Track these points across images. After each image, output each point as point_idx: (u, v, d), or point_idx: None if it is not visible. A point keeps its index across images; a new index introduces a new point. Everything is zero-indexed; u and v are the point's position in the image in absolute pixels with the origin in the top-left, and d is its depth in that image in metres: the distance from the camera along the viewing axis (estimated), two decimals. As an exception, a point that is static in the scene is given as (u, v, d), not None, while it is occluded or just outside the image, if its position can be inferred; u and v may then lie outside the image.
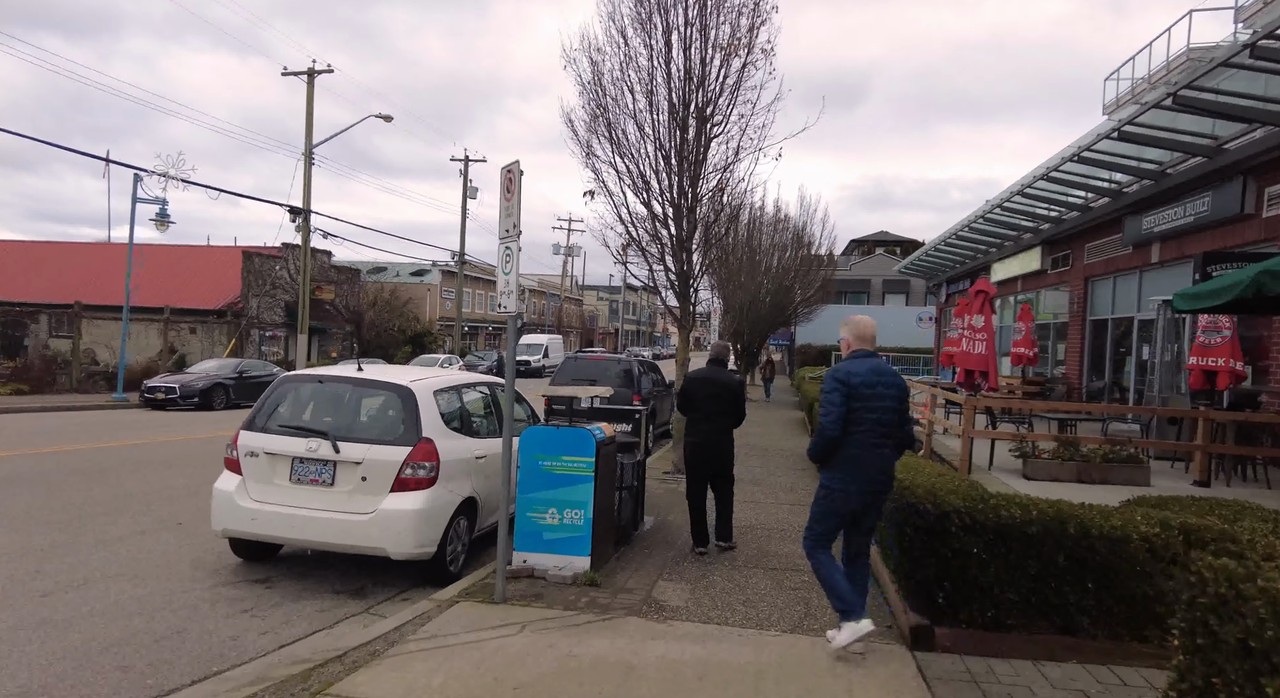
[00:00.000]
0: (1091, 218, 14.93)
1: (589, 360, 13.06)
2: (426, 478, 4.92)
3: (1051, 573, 3.69)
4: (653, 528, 6.84)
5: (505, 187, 4.43)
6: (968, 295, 10.12)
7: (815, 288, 27.39)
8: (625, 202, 9.59)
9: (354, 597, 4.94)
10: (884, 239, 51.07)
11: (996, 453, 9.18)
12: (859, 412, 3.79)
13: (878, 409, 3.80)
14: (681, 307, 9.93)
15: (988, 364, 8.81)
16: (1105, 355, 15.10)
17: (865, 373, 3.86)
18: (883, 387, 3.85)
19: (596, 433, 5.17)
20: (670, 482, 9.38)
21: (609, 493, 5.48)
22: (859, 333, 4.09)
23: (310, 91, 27.12)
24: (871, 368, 3.90)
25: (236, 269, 28.78)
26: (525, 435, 5.12)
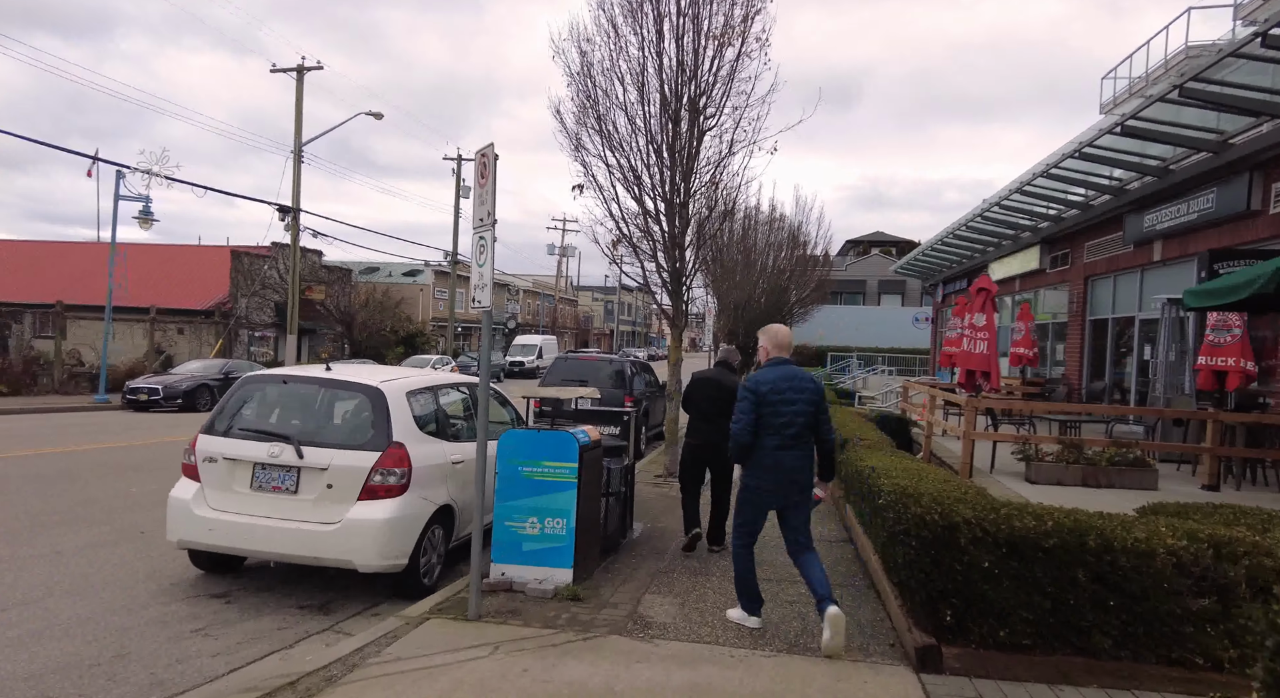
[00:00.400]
0: (1092, 216, 14.69)
1: (580, 361, 12.75)
2: (397, 485, 4.60)
3: (1070, 590, 3.39)
4: (642, 535, 6.53)
5: (479, 172, 4.12)
6: (968, 294, 9.86)
7: (811, 288, 27.11)
8: (616, 196, 9.28)
9: (319, 612, 4.61)
10: (880, 239, 50.89)
11: (998, 455, 8.90)
12: (768, 417, 4.01)
13: (786, 414, 4.02)
14: (674, 305, 9.62)
15: (989, 364, 8.53)
16: (1106, 356, 14.86)
17: (774, 380, 4.06)
18: (793, 392, 4.05)
19: (580, 437, 4.86)
20: (663, 485, 9.07)
21: (594, 500, 5.17)
22: (776, 341, 4.30)
23: (299, 88, 26.76)
24: (781, 375, 4.09)
25: (225, 269, 28.37)
26: (503, 440, 4.80)
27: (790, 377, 4.10)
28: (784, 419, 4.02)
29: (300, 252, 33.13)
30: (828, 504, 8.20)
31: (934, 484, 4.37)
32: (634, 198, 9.27)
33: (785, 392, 4.05)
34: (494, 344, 49.71)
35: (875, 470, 5.08)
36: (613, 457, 5.69)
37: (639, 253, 9.38)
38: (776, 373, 4.11)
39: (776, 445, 4.03)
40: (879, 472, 4.97)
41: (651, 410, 13.55)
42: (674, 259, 9.31)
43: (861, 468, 5.69)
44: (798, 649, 3.97)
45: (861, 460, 5.87)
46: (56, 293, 25.49)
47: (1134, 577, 3.29)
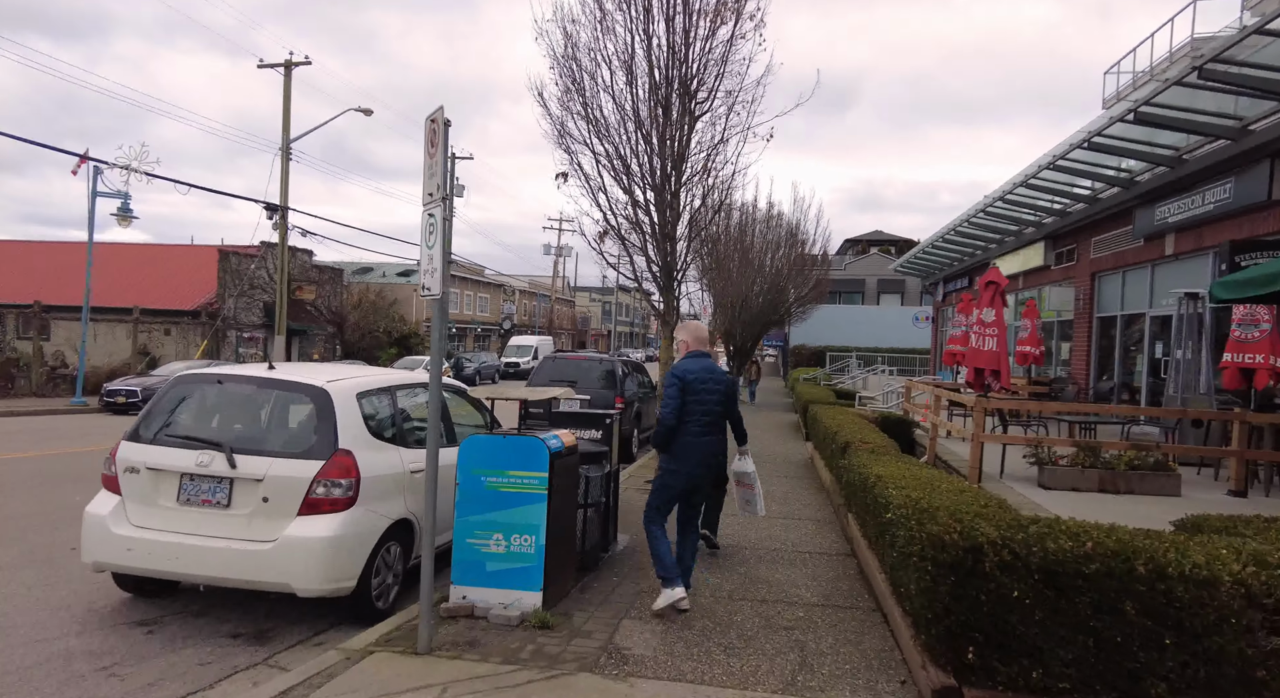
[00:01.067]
0: (1099, 209, 14.19)
1: (569, 361, 12.23)
2: (343, 498, 4.07)
3: (1117, 625, 2.87)
4: (627, 549, 6.00)
5: (429, 140, 3.60)
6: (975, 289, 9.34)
7: (810, 287, 26.59)
8: (603, 186, 8.78)
9: (254, 642, 4.08)
10: (878, 238, 50.42)
11: (1008, 459, 8.39)
12: (691, 405, 4.37)
13: (707, 402, 4.40)
14: (666, 302, 9.11)
15: (999, 362, 8.02)
16: (1114, 354, 14.36)
17: (698, 371, 4.44)
18: (712, 382, 4.43)
19: (551, 443, 4.34)
20: (652, 492, 8.55)
21: (568, 513, 4.64)
22: (695, 336, 4.66)
23: (287, 84, 26.24)
24: (703, 366, 4.48)
25: (213, 269, 27.82)
26: (464, 447, 4.28)
27: (709, 368, 4.51)
28: (705, 406, 4.41)
29: (290, 251, 32.62)
30: (826, 514, 7.68)
31: (950, 497, 3.85)
32: (622, 187, 8.77)
33: (707, 381, 4.44)
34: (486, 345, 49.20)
35: (882, 480, 4.56)
36: (592, 463, 5.17)
37: (628, 245, 8.87)
38: (698, 364, 4.50)
39: (699, 431, 4.40)
40: (886, 481, 4.45)
41: (644, 413, 13.02)
42: (665, 252, 8.80)
43: (866, 476, 5.17)
44: (794, 690, 3.45)
45: (865, 468, 5.35)
46: (41, 293, 24.93)
47: (1194, 610, 2.77)
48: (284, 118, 26.21)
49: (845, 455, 6.96)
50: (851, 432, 8.05)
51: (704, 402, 4.40)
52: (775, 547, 6.20)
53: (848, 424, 8.89)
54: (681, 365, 4.48)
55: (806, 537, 6.59)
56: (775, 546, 6.24)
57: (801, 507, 7.98)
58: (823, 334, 37.52)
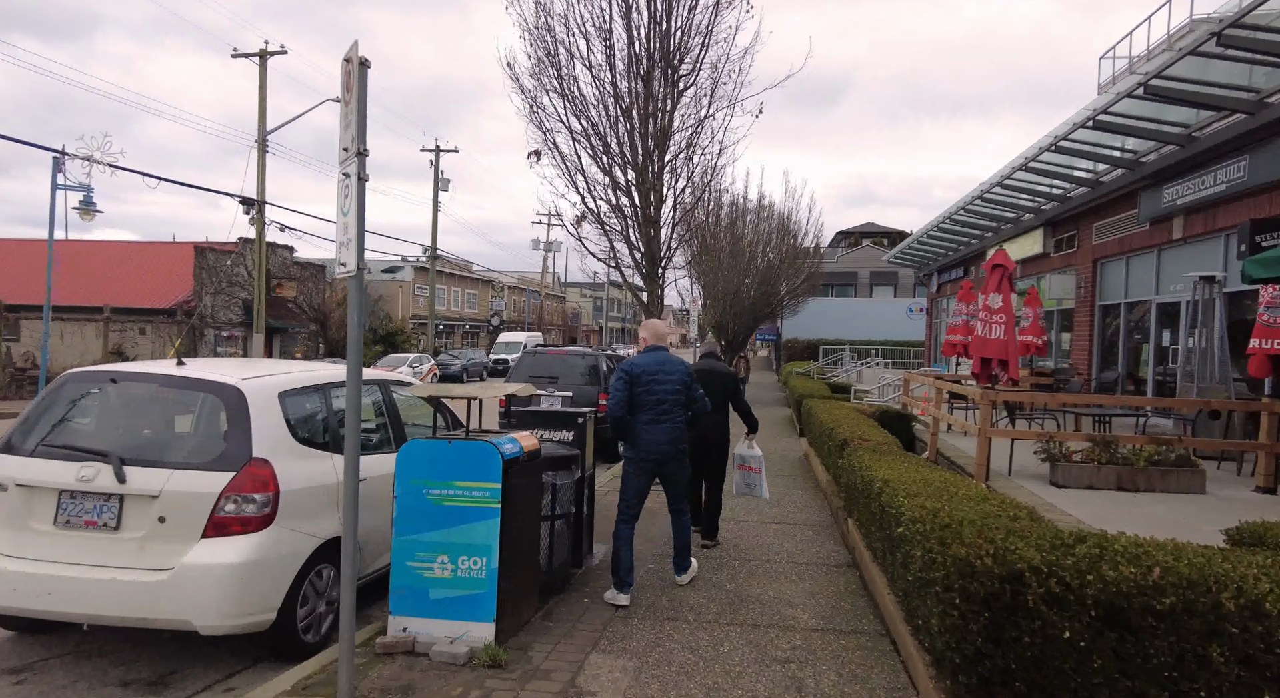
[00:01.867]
0: (1102, 193, 13.64)
1: (550, 356, 11.58)
2: (257, 515, 3.44)
3: (1200, 672, 2.27)
4: (603, 563, 5.38)
5: (344, 85, 2.96)
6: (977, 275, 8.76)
7: (802, 279, 26.03)
8: (580, 166, 8.15)
9: (148, 691, 3.44)
10: (871, 230, 49.92)
11: (1016, 455, 7.82)
12: (641, 396, 4.56)
13: (658, 392, 4.56)
14: (649, 290, 8.50)
15: (1007, 351, 7.44)
16: (1119, 343, 13.84)
17: (648, 364, 4.63)
18: (664, 374, 4.61)
19: (506, 448, 3.71)
20: (636, 495, 7.93)
21: (529, 528, 4.02)
22: (654, 333, 4.94)
23: (263, 75, 25.45)
24: (655, 359, 4.67)
25: (188, 266, 26.99)
26: (403, 454, 3.65)
27: (662, 361, 4.69)
28: (655, 397, 4.57)
29: (270, 247, 31.79)
30: (824, 517, 7.09)
31: (971, 507, 3.25)
32: (600, 167, 8.15)
33: (656, 373, 4.61)
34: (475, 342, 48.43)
35: (889, 486, 3.95)
36: (560, 469, 4.54)
37: (608, 230, 8.25)
38: (650, 358, 4.70)
39: (649, 421, 4.58)
40: (894, 487, 3.85)
41: (631, 409, 12.45)
42: (648, 237, 8.18)
43: (869, 480, 4.57)
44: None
45: (868, 470, 4.75)
46: (9, 292, 24.07)
47: (1300, 657, 2.17)
48: (260, 109, 25.41)
49: (844, 454, 6.36)
50: (849, 428, 7.46)
51: (654, 392, 4.60)
52: (769, 557, 5.59)
53: (845, 420, 8.31)
54: (631, 360, 4.75)
55: (803, 545, 5.99)
56: (769, 555, 5.64)
57: (797, 509, 7.38)
58: (816, 327, 37.00)
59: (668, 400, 4.60)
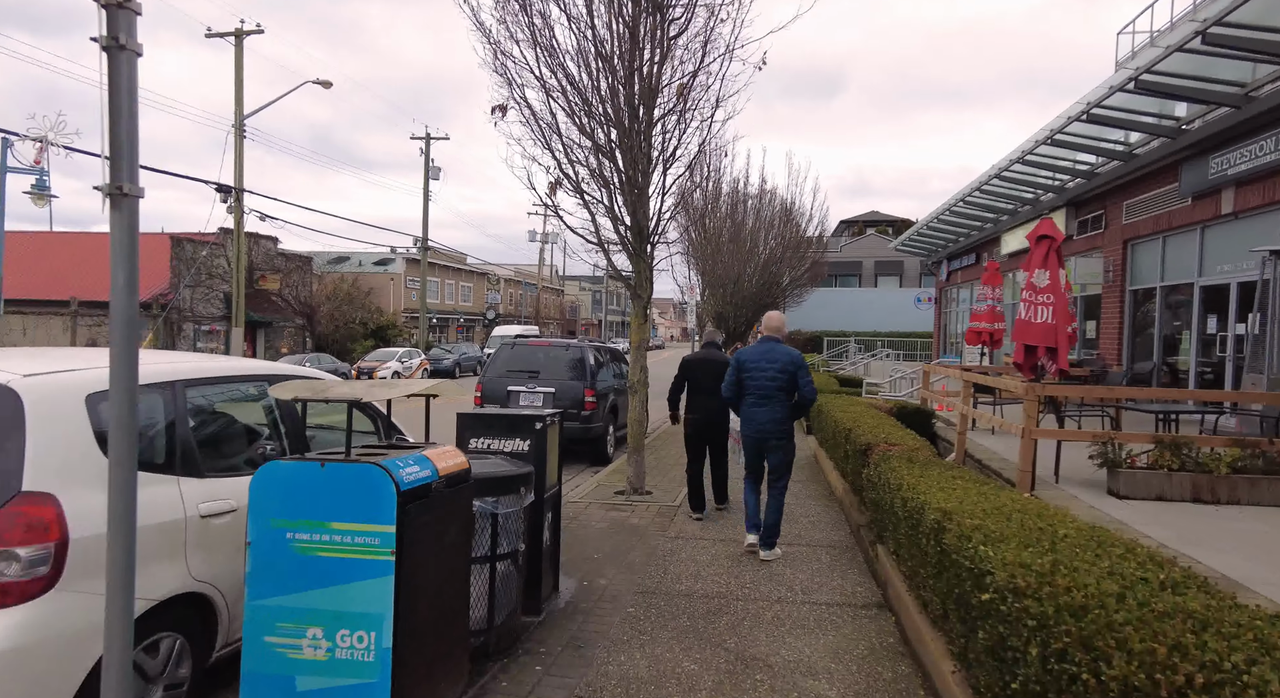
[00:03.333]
0: (1135, 167, 12.47)
1: (532, 348, 10.46)
2: (23, 579, 2.32)
3: None
4: (575, 600, 4.28)
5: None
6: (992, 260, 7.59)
7: (805, 268, 24.82)
8: (555, 124, 6.99)
9: None
10: (875, 219, 48.66)
11: (1063, 458, 6.71)
12: (746, 381, 5.26)
13: (760, 378, 5.19)
14: (636, 270, 7.36)
15: (1056, 338, 6.32)
16: (1154, 331, 12.70)
17: (754, 353, 5.30)
18: (766, 362, 5.21)
19: (406, 473, 2.59)
20: (623, 507, 6.83)
21: (449, 581, 2.91)
22: (769, 325, 5.56)
23: (239, 56, 24.27)
24: (761, 349, 5.30)
25: (165, 257, 25.86)
26: (258, 482, 2.54)
27: (767, 351, 5.21)
28: (758, 382, 5.16)
29: (252, 238, 30.64)
30: (842, 536, 5.97)
31: (1093, 562, 2.13)
32: (579, 127, 6.98)
33: (759, 362, 5.18)
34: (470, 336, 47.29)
35: (954, 522, 2.84)
36: (504, 493, 3.43)
37: (587, 199, 7.10)
38: (759, 349, 5.27)
39: (752, 403, 5.21)
40: (965, 527, 2.73)
41: (623, 407, 11.31)
42: (635, 208, 7.04)
43: (916, 506, 3.45)
44: None
45: (912, 491, 3.63)
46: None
47: None
48: (236, 92, 24.24)
49: (869, 463, 5.25)
50: (870, 428, 6.35)
51: (756, 378, 5.16)
52: (779, 592, 4.49)
53: (863, 418, 7.19)
54: (742, 351, 5.38)
55: (820, 575, 4.88)
56: (779, 590, 4.54)
57: (809, 525, 6.27)
58: (819, 318, 35.86)
59: (768, 387, 5.14)
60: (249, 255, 30.58)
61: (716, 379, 6.09)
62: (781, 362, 5.15)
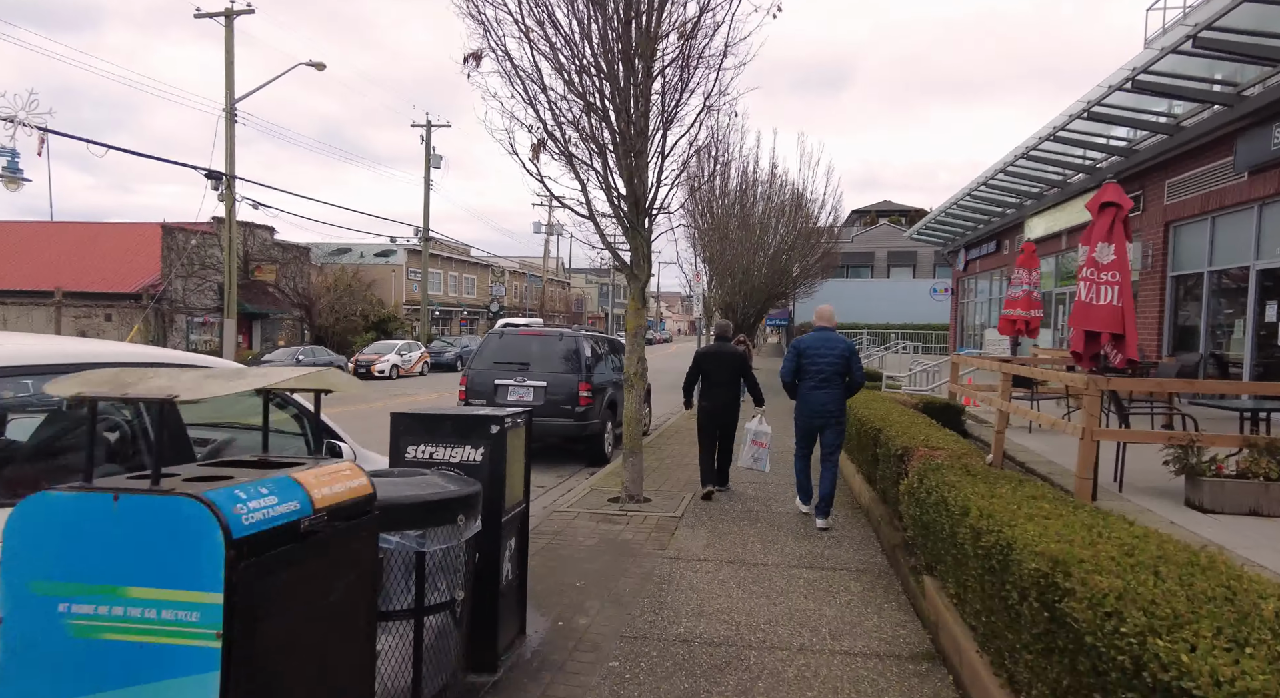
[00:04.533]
0: (1181, 142, 11.44)
1: (521, 337, 9.57)
2: None
3: None
4: (540, 654, 3.39)
5: None
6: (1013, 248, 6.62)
7: (817, 257, 23.81)
8: (539, 76, 6.07)
9: None
10: (887, 209, 47.46)
11: (1129, 464, 5.76)
12: (806, 366, 5.72)
13: (819, 363, 5.67)
14: (633, 247, 6.45)
15: (1123, 322, 5.37)
16: (1200, 320, 11.67)
17: (812, 341, 5.81)
18: (825, 349, 5.71)
19: (245, 509, 1.69)
20: (617, 518, 5.94)
21: (337, 663, 2.02)
22: (822, 316, 6.13)
23: (229, 38, 23.44)
24: (819, 337, 5.81)
25: (156, 247, 25.12)
26: (13, 523, 1.65)
27: (824, 338, 5.81)
28: (816, 367, 5.69)
29: (248, 227, 29.88)
30: (870, 556, 5.05)
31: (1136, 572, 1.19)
32: (566, 81, 6.06)
33: (819, 348, 5.74)
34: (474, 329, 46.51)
35: (1068, 575, 1.92)
36: (436, 526, 2.53)
37: (576, 164, 6.18)
38: (817, 337, 5.85)
39: (811, 387, 5.71)
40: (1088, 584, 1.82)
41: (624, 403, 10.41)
42: (630, 173, 6.11)
43: (993, 542, 2.52)
44: None
45: (985, 519, 2.71)
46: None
47: None
48: (226, 75, 23.43)
49: (908, 472, 4.33)
50: (903, 428, 5.43)
51: (816, 364, 5.66)
52: (801, 640, 3.58)
53: (892, 416, 6.27)
54: (801, 339, 5.89)
55: (852, 612, 3.98)
56: (802, 637, 3.63)
57: (832, 543, 5.36)
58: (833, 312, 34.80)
59: (826, 371, 5.61)
60: (244, 246, 29.84)
61: (727, 370, 6.76)
62: (839, 349, 5.72)
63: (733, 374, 6.80)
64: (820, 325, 5.98)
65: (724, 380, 6.75)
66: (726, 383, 6.75)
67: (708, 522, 5.89)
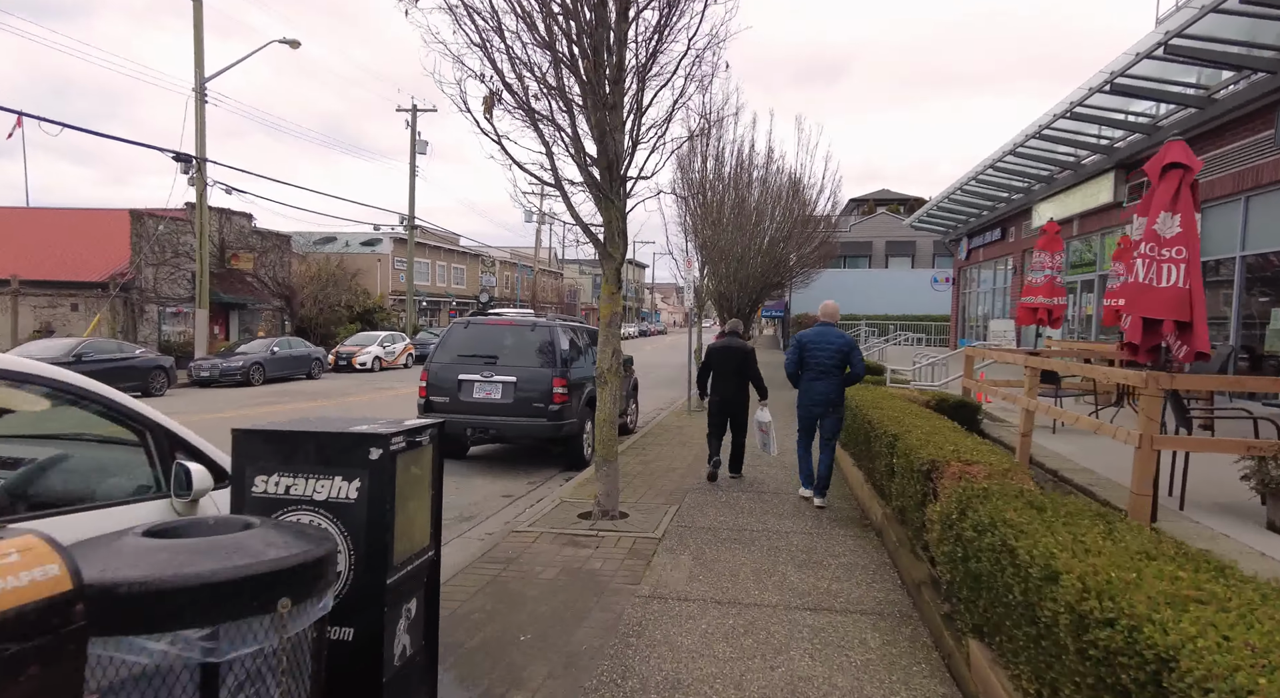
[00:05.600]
0: (1212, 115, 10.54)
1: (491, 327, 8.61)
2: None
3: None
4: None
5: None
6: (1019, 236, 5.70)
7: (815, 245, 22.85)
8: (495, 17, 5.09)
9: None
10: (885, 198, 46.49)
11: (1190, 477, 4.87)
12: (806, 359, 6.11)
13: (819, 356, 6.05)
14: (605, 218, 5.49)
15: (1191, 308, 4.46)
16: (1231, 309, 10.80)
17: (813, 335, 6.19)
18: (825, 343, 6.09)
19: None
20: (585, 540, 5.02)
21: None
22: (826, 312, 6.42)
23: (198, 11, 22.28)
24: (819, 332, 6.19)
25: (125, 234, 24.01)
26: None
27: (824, 333, 6.17)
28: (816, 360, 6.07)
29: (224, 214, 28.76)
30: (886, 592, 4.13)
31: None
32: (522, 17, 5.08)
33: (819, 342, 6.11)
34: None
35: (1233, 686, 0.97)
36: (229, 620, 1.58)
37: (538, 119, 5.21)
38: (817, 330, 6.23)
39: (811, 378, 6.11)
40: None
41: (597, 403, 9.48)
42: (600, 128, 5.15)
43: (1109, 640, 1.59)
44: None
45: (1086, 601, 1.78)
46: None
47: None
48: (196, 53, 22.32)
49: (940, 495, 3.41)
50: (925, 435, 4.52)
51: (816, 357, 6.06)
52: None
53: (907, 418, 5.36)
54: (803, 333, 6.30)
55: (870, 681, 3.06)
56: None
57: (841, 573, 4.44)
58: (827, 301, 33.91)
59: (825, 363, 6.06)
60: (220, 233, 28.73)
61: (735, 364, 7.13)
62: (838, 344, 6.06)
63: (740, 368, 7.17)
64: (824, 321, 6.34)
65: (732, 373, 7.17)
66: (734, 375, 7.16)
67: (692, 544, 4.97)
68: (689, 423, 11.47)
